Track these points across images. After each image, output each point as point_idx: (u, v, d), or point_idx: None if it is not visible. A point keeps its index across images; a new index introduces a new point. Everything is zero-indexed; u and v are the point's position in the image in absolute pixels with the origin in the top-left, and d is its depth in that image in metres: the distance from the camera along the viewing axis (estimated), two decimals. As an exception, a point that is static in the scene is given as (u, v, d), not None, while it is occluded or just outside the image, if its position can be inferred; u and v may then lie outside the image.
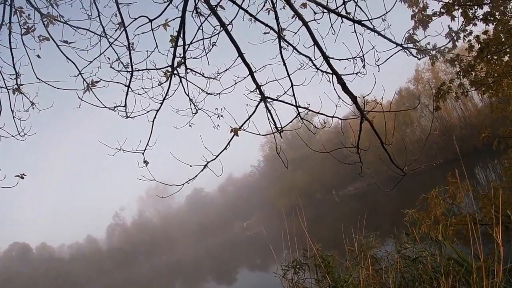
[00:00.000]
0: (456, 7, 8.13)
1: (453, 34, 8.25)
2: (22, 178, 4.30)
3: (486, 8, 8.26)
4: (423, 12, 7.77)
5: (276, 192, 65.66)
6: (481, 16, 8.23)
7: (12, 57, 4.04)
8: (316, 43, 2.98)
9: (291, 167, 55.15)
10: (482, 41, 8.45)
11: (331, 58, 3.01)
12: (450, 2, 8.06)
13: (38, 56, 4.12)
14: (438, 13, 8.08)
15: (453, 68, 9.28)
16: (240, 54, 3.25)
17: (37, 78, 4.05)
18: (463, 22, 8.25)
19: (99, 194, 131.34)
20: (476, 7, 8.19)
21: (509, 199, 7.83)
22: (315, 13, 3.04)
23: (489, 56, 8.48)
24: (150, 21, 3.31)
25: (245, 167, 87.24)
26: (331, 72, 3.03)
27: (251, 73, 3.34)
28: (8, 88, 4.11)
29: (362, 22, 3.11)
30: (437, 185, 8.21)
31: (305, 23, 2.94)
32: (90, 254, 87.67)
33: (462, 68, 8.83)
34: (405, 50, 3.77)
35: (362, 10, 3.73)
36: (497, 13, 8.19)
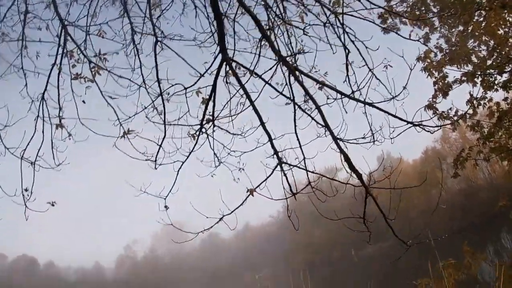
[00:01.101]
0: (477, 75, 8.37)
1: (474, 101, 8.45)
2: (53, 205, 4.67)
3: (505, 75, 8.47)
4: (443, 80, 8.04)
5: (292, 246, 63.90)
6: (501, 83, 8.43)
7: (58, 94, 4.55)
8: (326, 125, 3.28)
9: (311, 220, 53.87)
10: (501, 109, 8.58)
11: (340, 139, 3.29)
12: (470, 70, 8.32)
13: (83, 101, 4.61)
14: (459, 81, 8.33)
15: (474, 134, 9.37)
16: (262, 123, 3.58)
17: (81, 123, 4.49)
18: (483, 89, 8.45)
19: (113, 224, 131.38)
20: (496, 75, 8.40)
21: None
22: (328, 98, 3.39)
23: (509, 123, 8.55)
24: (185, 88, 3.71)
25: (264, 217, 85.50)
26: (339, 150, 3.29)
27: (271, 140, 3.65)
28: (52, 122, 4.60)
29: (373, 104, 3.41)
30: (459, 249, 8.07)
31: (317, 107, 3.27)
32: (95, 281, 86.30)
33: (482, 135, 8.91)
34: (416, 127, 4.01)
35: (381, 82, 4.07)
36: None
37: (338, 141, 3.25)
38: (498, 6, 7.11)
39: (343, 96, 3.40)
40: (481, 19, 8.08)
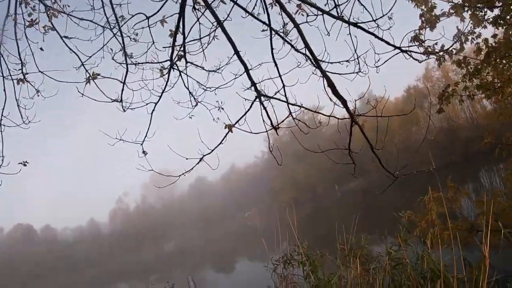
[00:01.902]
0: (466, 9, 8.01)
1: (461, 36, 8.16)
2: (25, 165, 4.41)
3: (496, 11, 8.14)
4: (431, 12, 7.67)
5: (278, 185, 65.56)
6: (491, 19, 8.11)
7: (18, 47, 4.11)
8: (307, 46, 2.98)
9: (294, 159, 54.82)
10: (490, 45, 8.34)
11: (322, 61, 3.02)
12: (459, 3, 7.95)
13: (41, 49, 4.19)
14: (446, 14, 7.97)
15: (460, 69, 9.16)
16: (236, 52, 3.27)
17: (39, 71, 4.14)
18: (472, 24, 8.14)
19: (102, 179, 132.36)
20: (486, 10, 8.07)
21: (507, 206, 7.81)
22: (307, 15, 3.04)
23: (497, 61, 8.37)
24: (147, 18, 3.34)
25: (250, 157, 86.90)
26: (322, 74, 3.03)
27: (247, 70, 3.36)
28: (13, 78, 4.22)
29: (358, 24, 3.10)
30: (441, 186, 8.20)
31: (296, 25, 2.95)
32: (92, 237, 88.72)
33: (469, 71, 8.73)
34: (405, 53, 3.76)
35: (366, 9, 3.74)
36: (508, 17, 8.07)
37: (320, 63, 2.97)
38: None
39: (324, 13, 3.07)
40: None
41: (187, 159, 4.19)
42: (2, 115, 4.18)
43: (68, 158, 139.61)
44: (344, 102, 3.11)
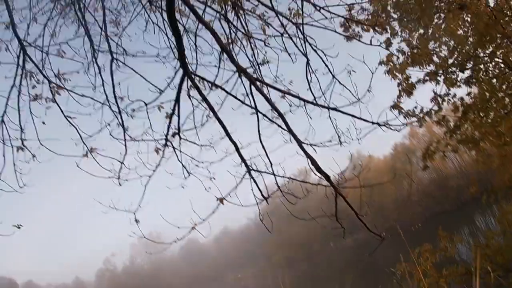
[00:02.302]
0: (440, 74, 8.65)
1: (438, 98, 8.74)
2: (19, 228, 4.49)
3: (467, 72, 8.78)
4: (406, 81, 8.27)
5: (272, 246, 64.30)
6: (463, 80, 8.73)
7: (19, 116, 4.37)
8: (290, 132, 3.32)
9: (288, 219, 54.01)
10: (465, 104, 8.88)
11: (306, 143, 3.34)
12: (433, 70, 8.59)
13: (43, 122, 4.47)
14: (422, 80, 8.60)
15: (440, 128, 9.66)
16: (227, 134, 3.58)
17: (40, 143, 4.32)
18: (446, 87, 8.73)
19: (90, 238, 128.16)
20: (458, 72, 8.71)
21: (502, 247, 7.90)
22: (290, 106, 3.43)
23: (474, 114, 8.86)
24: (146, 105, 3.67)
25: (242, 219, 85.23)
26: (305, 155, 3.33)
27: (237, 149, 3.65)
28: (13, 145, 4.42)
29: (337, 108, 3.47)
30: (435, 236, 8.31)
31: (280, 116, 3.30)
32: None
33: (449, 129, 9.20)
34: (381, 127, 4.12)
35: (346, 87, 4.13)
36: (480, 75, 8.68)
37: (304, 145, 3.28)
38: (456, 7, 7.37)
39: (306, 103, 3.44)
40: (440, 21, 8.35)
41: (179, 227, 4.32)
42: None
43: (58, 215, 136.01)
44: (327, 178, 3.39)
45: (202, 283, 76.16)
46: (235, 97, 3.52)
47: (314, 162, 3.30)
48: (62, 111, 4.36)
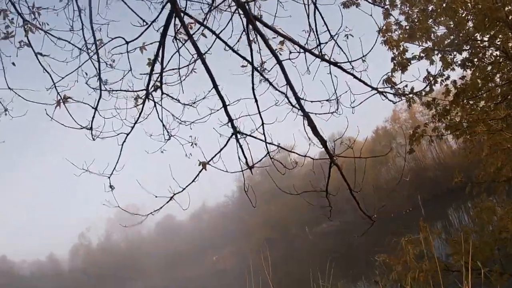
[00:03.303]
0: (436, 52, 8.41)
1: (431, 78, 8.50)
2: None
3: (465, 54, 8.58)
4: (402, 55, 8.01)
5: (249, 225, 64.30)
6: (459, 62, 8.52)
7: None
8: (289, 83, 2.94)
9: (267, 198, 54.15)
10: (459, 86, 8.70)
11: (303, 99, 2.97)
12: (430, 47, 8.34)
13: (13, 63, 3.94)
14: (417, 57, 8.34)
15: (429, 111, 9.48)
16: (215, 86, 3.17)
17: (8, 87, 3.88)
18: (441, 66, 8.52)
19: (65, 211, 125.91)
20: (455, 53, 8.49)
21: (479, 244, 7.87)
22: (290, 52, 3.02)
23: (465, 101, 8.72)
24: (127, 43, 3.21)
25: (220, 196, 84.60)
26: (302, 113, 2.97)
27: (225, 106, 3.26)
28: None
29: (338, 64, 3.11)
30: (411, 226, 8.19)
31: (279, 62, 2.91)
32: (51, 273, 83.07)
33: (438, 112, 9.03)
34: (381, 94, 3.79)
35: (342, 50, 3.78)
36: (475, 60, 8.50)
37: (302, 101, 2.91)
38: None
39: (306, 52, 3.05)
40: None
41: (156, 197, 3.96)
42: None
43: (29, 185, 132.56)
44: (324, 143, 3.04)
45: (179, 263, 76.11)
46: (225, 42, 3.10)
47: (311, 122, 2.94)
48: (34, 52, 3.85)
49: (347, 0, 6.22)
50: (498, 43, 8.05)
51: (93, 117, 3.70)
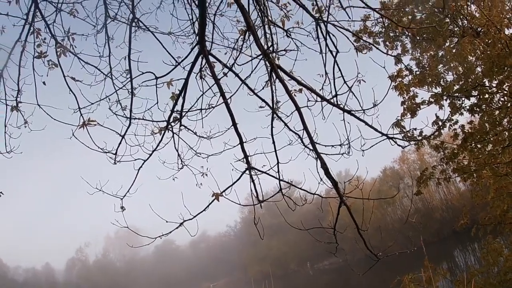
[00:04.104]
0: (445, 98, 8.61)
1: (440, 123, 8.68)
2: None
3: (473, 100, 8.76)
4: (412, 100, 8.22)
5: (249, 257, 63.54)
6: (467, 107, 8.69)
7: (19, 74, 4.12)
8: (305, 128, 3.13)
9: (268, 233, 53.26)
10: (466, 131, 8.84)
11: (318, 143, 3.15)
12: (439, 92, 8.56)
13: (44, 83, 4.20)
14: (427, 102, 8.54)
15: (437, 153, 9.58)
16: (234, 124, 3.37)
17: (37, 104, 4.09)
18: (450, 111, 8.69)
19: (66, 224, 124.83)
20: (463, 98, 8.68)
21: (484, 285, 7.79)
22: (308, 100, 3.24)
23: (472, 145, 8.82)
24: (156, 78, 3.45)
25: (221, 226, 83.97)
26: (315, 157, 3.15)
27: (241, 142, 3.44)
28: (7, 103, 4.15)
29: (352, 112, 3.30)
30: (413, 267, 8.15)
31: (297, 108, 3.11)
32: (45, 283, 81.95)
33: (446, 155, 9.13)
34: (390, 139, 3.96)
35: (356, 98, 3.97)
36: (483, 105, 8.67)
37: (316, 145, 3.09)
38: (472, 33, 7.36)
39: (323, 100, 3.27)
40: (453, 45, 8.33)
41: (167, 222, 4.09)
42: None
43: (37, 195, 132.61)
44: (335, 184, 3.20)
45: (177, 287, 74.64)
46: (250, 88, 3.33)
47: (324, 164, 3.11)
48: (63, 74, 4.09)
49: (360, 44, 6.49)
50: (506, 88, 8.24)
51: (120, 143, 3.89)
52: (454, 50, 8.20)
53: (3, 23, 4.23)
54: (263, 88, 3.52)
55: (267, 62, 3.19)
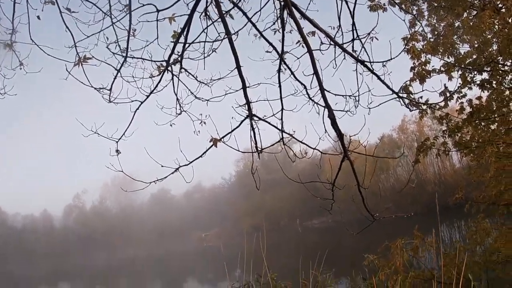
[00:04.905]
0: (456, 69, 8.33)
1: (448, 94, 8.44)
2: None
3: (485, 75, 8.50)
4: (423, 66, 7.93)
5: (241, 210, 65.09)
6: (478, 82, 8.44)
7: (14, 11, 3.84)
8: (316, 72, 2.94)
9: (262, 188, 54.17)
10: (474, 106, 8.65)
11: (328, 91, 2.97)
12: (451, 62, 8.26)
13: (38, 17, 3.94)
14: (437, 71, 8.26)
15: (439, 126, 9.44)
16: (238, 67, 3.18)
17: (31, 39, 3.87)
18: (460, 83, 8.45)
19: (64, 171, 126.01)
20: (475, 72, 8.41)
21: (469, 261, 7.95)
22: (322, 43, 3.02)
23: (477, 121, 8.67)
24: (158, 11, 3.21)
25: (216, 178, 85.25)
26: (323, 105, 2.98)
27: (244, 87, 3.27)
28: (0, 41, 3.94)
29: (366, 62, 3.10)
30: (402, 235, 8.26)
31: (310, 51, 2.90)
32: (43, 229, 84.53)
33: (450, 127, 8.98)
34: (399, 99, 3.80)
35: (366, 52, 3.75)
36: (494, 82, 8.43)
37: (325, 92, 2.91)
38: (492, 7, 7.00)
39: (337, 45, 3.05)
40: (471, 17, 7.96)
41: (162, 166, 4.01)
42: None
43: (32, 140, 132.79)
44: (341, 136, 3.06)
45: (169, 236, 77.08)
46: (256, 28, 3.09)
47: (331, 114, 2.95)
48: (59, 9, 3.81)
49: (374, 4, 6.14)
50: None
51: (114, 78, 3.71)
52: (471, 23, 7.82)
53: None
54: (269, 28, 3.26)
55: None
